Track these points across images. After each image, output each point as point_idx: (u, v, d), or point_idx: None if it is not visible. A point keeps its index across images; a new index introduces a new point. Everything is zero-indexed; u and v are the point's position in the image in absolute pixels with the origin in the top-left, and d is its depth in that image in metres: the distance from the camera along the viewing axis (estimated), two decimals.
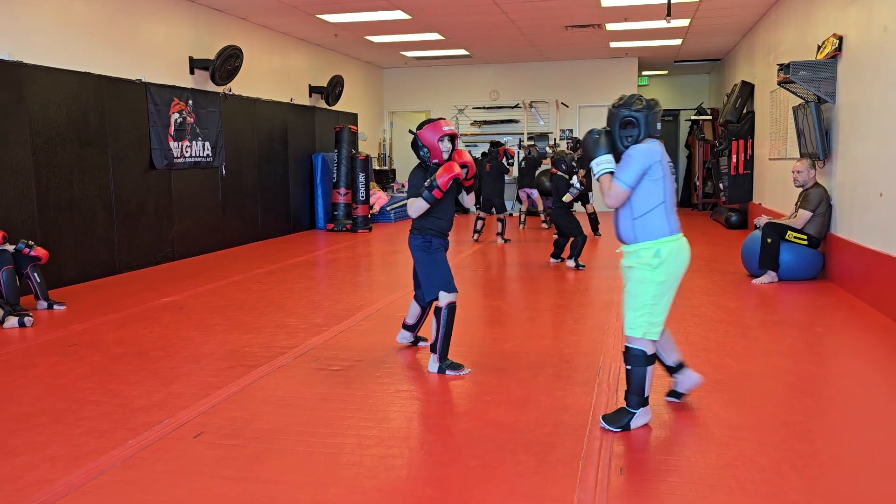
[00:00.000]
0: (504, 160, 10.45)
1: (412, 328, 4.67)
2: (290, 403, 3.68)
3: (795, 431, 3.22)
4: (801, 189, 6.96)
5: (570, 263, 7.80)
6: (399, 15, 9.91)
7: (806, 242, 6.67)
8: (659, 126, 3.33)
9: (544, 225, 12.15)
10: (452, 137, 4.15)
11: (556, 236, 8.27)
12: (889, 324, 5.14)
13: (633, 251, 3.30)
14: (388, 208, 13.28)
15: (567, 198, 7.87)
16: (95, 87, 7.42)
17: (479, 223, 10.37)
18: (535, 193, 12.12)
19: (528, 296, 6.71)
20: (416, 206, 4.08)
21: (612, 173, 3.28)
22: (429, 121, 4.19)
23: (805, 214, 6.67)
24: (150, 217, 8.24)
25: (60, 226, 6.99)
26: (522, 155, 13.10)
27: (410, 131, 4.23)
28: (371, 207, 12.60)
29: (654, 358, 3.27)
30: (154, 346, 4.80)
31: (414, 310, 4.57)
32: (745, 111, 11.53)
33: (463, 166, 4.07)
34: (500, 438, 3.20)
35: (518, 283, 7.35)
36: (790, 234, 6.66)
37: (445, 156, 4.12)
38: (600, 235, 10.66)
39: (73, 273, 7.12)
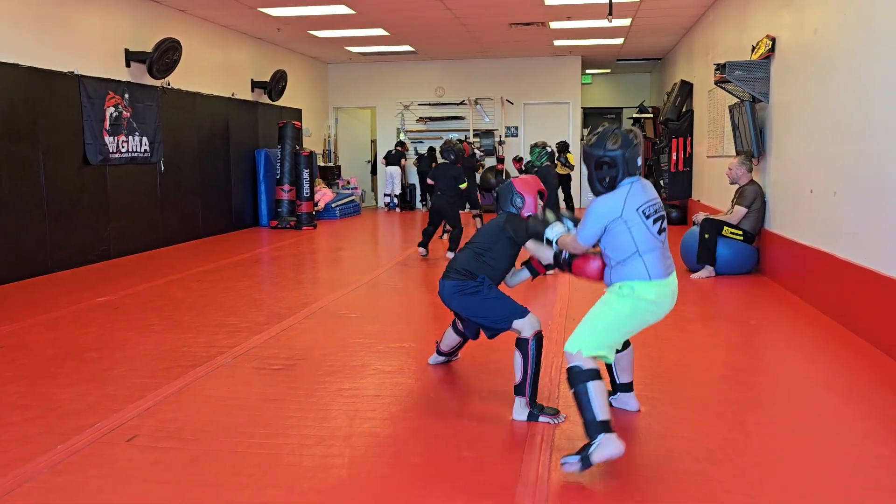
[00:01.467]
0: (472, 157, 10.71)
1: (447, 355, 4.21)
2: (229, 404, 3.61)
3: (730, 422, 3.30)
4: (736, 185, 7.16)
5: (449, 254, 8.10)
6: (343, 10, 9.81)
7: (741, 238, 6.86)
8: (640, 162, 3.03)
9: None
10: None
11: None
12: (819, 316, 5.32)
13: (612, 285, 3.09)
14: (333, 205, 13.16)
15: (464, 185, 8.28)
16: (25, 79, 7.14)
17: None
18: None
19: None
20: (543, 255, 3.51)
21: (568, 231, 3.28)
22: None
23: (740, 210, 6.85)
24: (84, 214, 7.97)
25: None
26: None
27: (505, 173, 3.87)
28: (316, 204, 12.46)
29: (595, 373, 2.86)
30: (88, 348, 4.65)
31: (450, 339, 4.10)
32: (684, 110, 11.79)
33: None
34: (443, 434, 3.20)
35: None
36: (726, 230, 6.84)
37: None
38: None
39: (2, 272, 6.83)
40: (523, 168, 11.19)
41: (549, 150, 7.88)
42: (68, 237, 7.72)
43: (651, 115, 15.27)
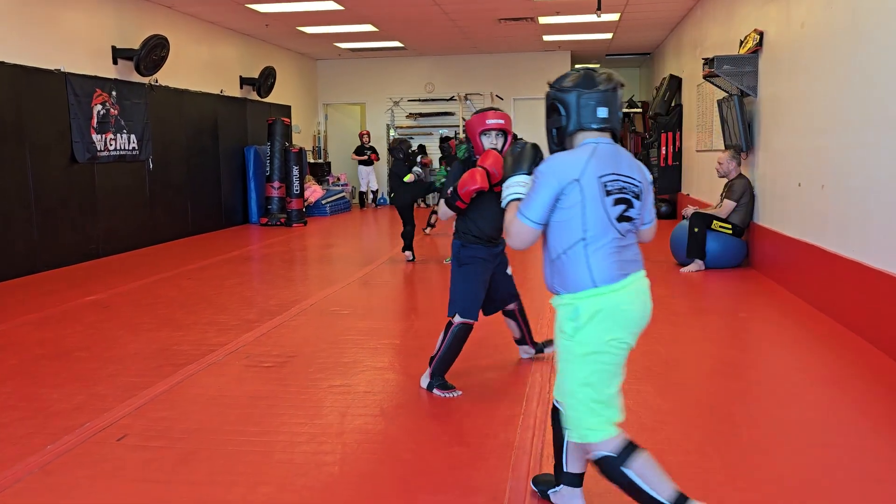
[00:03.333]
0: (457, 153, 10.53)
1: (523, 341, 4.14)
2: (220, 402, 3.60)
3: (719, 415, 3.32)
4: (725, 179, 7.19)
5: (406, 254, 7.83)
6: (331, 6, 9.77)
7: (731, 231, 6.89)
8: (605, 114, 2.21)
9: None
10: (503, 132, 3.54)
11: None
12: (807, 308, 5.35)
13: (557, 306, 2.28)
14: (323, 202, 13.13)
15: (407, 178, 7.90)
16: (10, 77, 7.08)
17: (434, 217, 10.34)
18: None
19: None
20: (442, 211, 3.64)
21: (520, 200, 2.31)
22: (483, 109, 3.65)
23: (729, 204, 6.88)
24: (72, 213, 7.93)
25: None
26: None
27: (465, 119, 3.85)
28: (306, 201, 12.43)
29: (628, 451, 2.26)
30: (77, 347, 4.62)
31: (510, 323, 4.08)
32: (673, 104, 11.82)
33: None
34: (434, 431, 3.20)
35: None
36: (716, 224, 6.87)
37: None
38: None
39: None
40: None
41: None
42: (56, 236, 7.68)
43: (640, 110, 15.31)
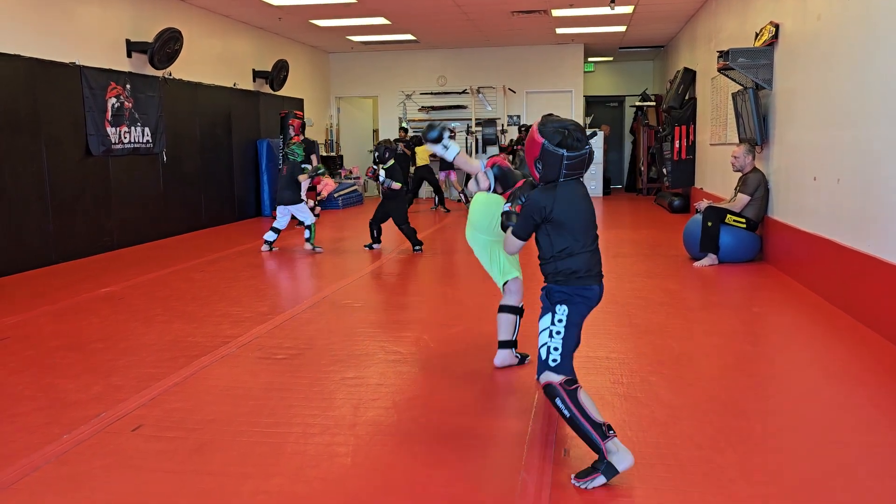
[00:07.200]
0: None
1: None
2: (234, 393, 3.62)
3: (732, 410, 3.31)
4: (739, 173, 7.14)
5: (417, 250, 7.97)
6: None
7: (744, 225, 6.85)
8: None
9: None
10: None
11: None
12: (822, 303, 5.32)
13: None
14: (335, 195, 13.15)
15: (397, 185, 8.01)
16: (26, 70, 7.13)
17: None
18: (453, 176, 13.12)
19: (478, 280, 6.73)
20: None
21: None
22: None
23: (743, 198, 6.84)
24: (87, 205, 7.98)
25: None
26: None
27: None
28: (318, 194, 12.45)
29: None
30: (92, 339, 4.66)
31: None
32: (687, 97, 11.74)
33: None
34: (446, 423, 3.21)
35: (468, 267, 7.37)
36: (729, 218, 6.83)
37: None
38: None
39: (4, 265, 6.85)
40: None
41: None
42: (71, 228, 7.74)
43: (654, 103, 15.22)
